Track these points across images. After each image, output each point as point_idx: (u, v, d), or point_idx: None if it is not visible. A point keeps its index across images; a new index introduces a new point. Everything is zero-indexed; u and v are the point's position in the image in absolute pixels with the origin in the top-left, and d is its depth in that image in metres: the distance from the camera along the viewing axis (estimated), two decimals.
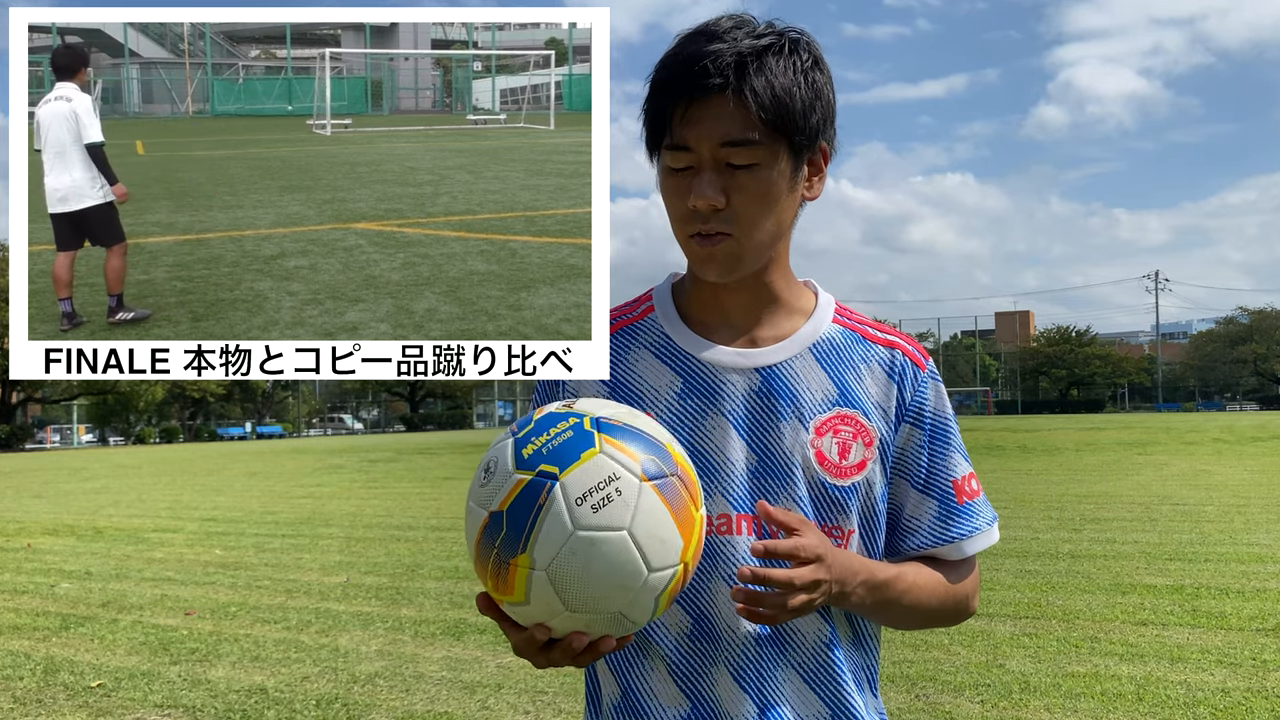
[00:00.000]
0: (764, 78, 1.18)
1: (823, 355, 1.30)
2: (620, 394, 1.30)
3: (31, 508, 15.15)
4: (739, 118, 1.18)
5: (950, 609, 1.34)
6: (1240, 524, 9.92)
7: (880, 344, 1.33)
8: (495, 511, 1.04)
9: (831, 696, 1.28)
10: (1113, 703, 4.45)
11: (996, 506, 1.43)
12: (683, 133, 1.19)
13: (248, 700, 4.84)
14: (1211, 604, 6.28)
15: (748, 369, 1.27)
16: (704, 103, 1.18)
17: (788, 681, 1.25)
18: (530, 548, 1.02)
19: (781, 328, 1.31)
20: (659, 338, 1.32)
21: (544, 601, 1.03)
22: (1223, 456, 19.62)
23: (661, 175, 1.26)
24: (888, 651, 5.27)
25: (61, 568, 9.05)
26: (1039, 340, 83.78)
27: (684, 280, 1.37)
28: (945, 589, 1.32)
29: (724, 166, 1.19)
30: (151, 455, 35.11)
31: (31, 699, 4.96)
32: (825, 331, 1.32)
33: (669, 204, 1.25)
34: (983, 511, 1.35)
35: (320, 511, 13.54)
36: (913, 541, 1.33)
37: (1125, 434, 28.48)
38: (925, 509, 1.33)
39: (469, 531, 1.09)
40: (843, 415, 1.27)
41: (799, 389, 1.27)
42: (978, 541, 1.34)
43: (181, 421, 62.61)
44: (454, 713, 4.58)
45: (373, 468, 23.02)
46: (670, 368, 1.30)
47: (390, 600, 7.11)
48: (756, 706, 1.24)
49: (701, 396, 1.27)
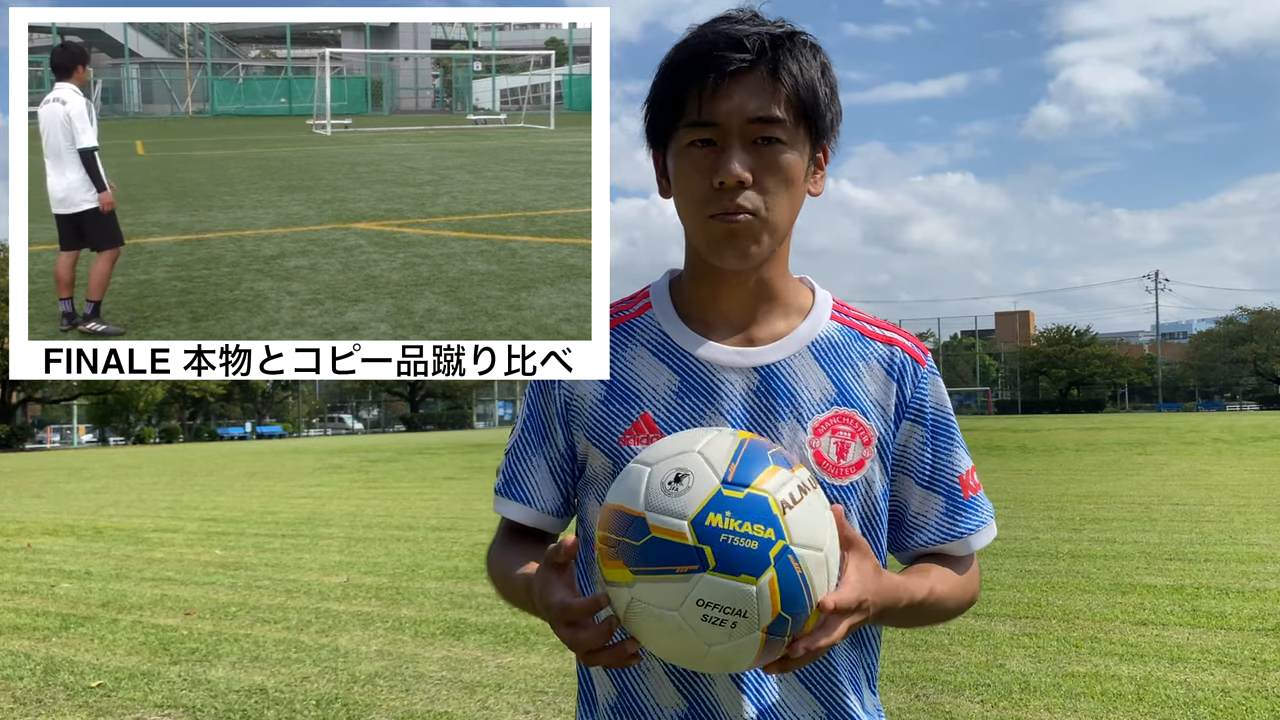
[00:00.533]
0: (796, 63, 1.20)
1: (821, 354, 1.29)
2: (617, 392, 1.29)
3: (31, 508, 15.15)
4: (771, 95, 1.18)
5: (963, 605, 1.35)
6: (1240, 524, 9.91)
7: (879, 341, 1.33)
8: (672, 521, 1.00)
9: (828, 697, 1.27)
10: (1113, 702, 4.45)
11: (997, 506, 1.43)
12: (711, 108, 1.18)
13: (248, 700, 4.84)
14: (1211, 604, 6.28)
15: (746, 368, 1.27)
16: (736, 78, 1.18)
17: (785, 682, 1.25)
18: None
19: (779, 326, 1.30)
20: (656, 335, 1.31)
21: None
22: (1223, 456, 19.61)
23: (676, 159, 1.24)
24: (888, 651, 5.27)
25: (61, 568, 9.05)
26: (1039, 340, 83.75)
27: (682, 277, 1.35)
28: (963, 588, 1.32)
29: (750, 144, 1.19)
30: (151, 455, 35.11)
31: (31, 699, 4.96)
32: (823, 330, 1.31)
33: (686, 185, 1.22)
34: (985, 505, 1.36)
35: (320, 511, 13.53)
36: (920, 538, 1.33)
37: (1125, 434, 28.48)
38: (932, 505, 1.32)
39: (626, 494, 1.05)
40: (841, 415, 1.27)
41: (797, 388, 1.27)
42: (983, 536, 1.34)
43: (181, 421, 62.60)
44: (454, 712, 4.58)
45: (373, 468, 23.02)
46: (668, 366, 1.29)
47: (390, 600, 7.11)
48: (755, 707, 1.23)
49: (699, 395, 1.26)
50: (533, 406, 1.36)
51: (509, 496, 1.35)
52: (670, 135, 1.24)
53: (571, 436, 1.32)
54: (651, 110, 1.26)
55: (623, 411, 1.28)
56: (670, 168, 1.26)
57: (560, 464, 1.33)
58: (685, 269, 1.34)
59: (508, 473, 1.36)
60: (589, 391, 1.31)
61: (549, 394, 1.34)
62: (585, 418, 1.30)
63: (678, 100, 1.21)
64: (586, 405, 1.30)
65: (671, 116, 1.22)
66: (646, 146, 1.31)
